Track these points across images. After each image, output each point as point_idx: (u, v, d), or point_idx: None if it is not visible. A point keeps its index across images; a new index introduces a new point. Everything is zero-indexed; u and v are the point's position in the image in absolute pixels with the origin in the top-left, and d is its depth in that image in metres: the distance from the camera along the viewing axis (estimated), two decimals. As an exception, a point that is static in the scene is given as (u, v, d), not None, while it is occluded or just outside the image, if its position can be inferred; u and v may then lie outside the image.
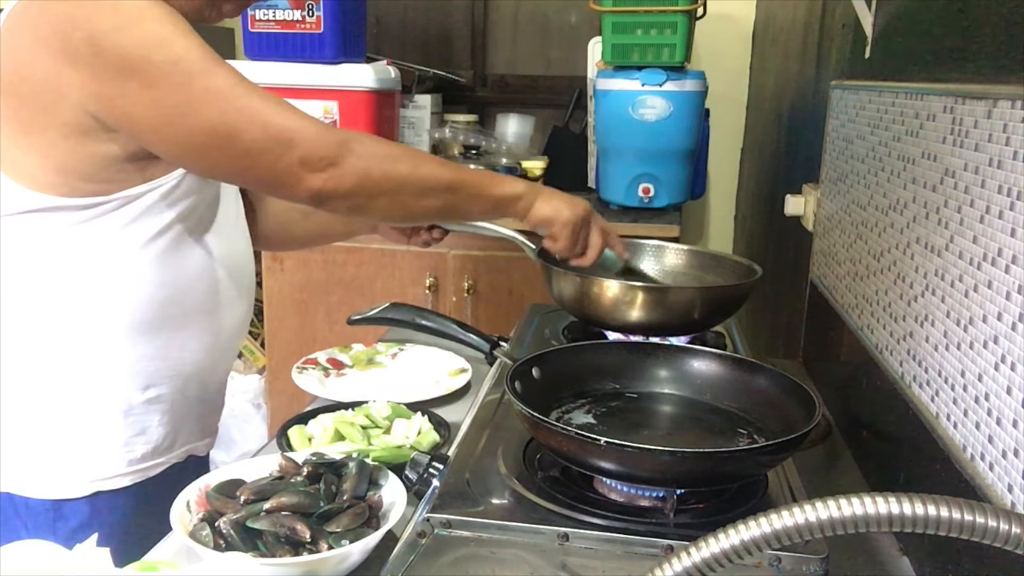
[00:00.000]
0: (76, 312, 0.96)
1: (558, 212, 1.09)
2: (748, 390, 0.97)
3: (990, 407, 0.70)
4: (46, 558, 0.70)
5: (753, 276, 1.25)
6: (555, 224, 1.09)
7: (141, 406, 1.02)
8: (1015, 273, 0.67)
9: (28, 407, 0.99)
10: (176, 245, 0.99)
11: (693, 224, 2.95)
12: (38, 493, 0.99)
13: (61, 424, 0.99)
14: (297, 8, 2.15)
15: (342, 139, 0.90)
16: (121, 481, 1.02)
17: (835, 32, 1.53)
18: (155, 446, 1.04)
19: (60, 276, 0.95)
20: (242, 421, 2.53)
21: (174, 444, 1.07)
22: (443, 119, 2.63)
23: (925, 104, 0.91)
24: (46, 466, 0.99)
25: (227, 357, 1.14)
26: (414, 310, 1.35)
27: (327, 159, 0.88)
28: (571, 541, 0.76)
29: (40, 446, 0.99)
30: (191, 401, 1.08)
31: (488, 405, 1.04)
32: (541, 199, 1.08)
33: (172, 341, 1.02)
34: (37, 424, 0.99)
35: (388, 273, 2.26)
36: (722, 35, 2.73)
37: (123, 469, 1.02)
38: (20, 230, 0.93)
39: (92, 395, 0.99)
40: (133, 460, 1.02)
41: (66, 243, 0.93)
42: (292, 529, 0.77)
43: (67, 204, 0.92)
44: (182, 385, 1.05)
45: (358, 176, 0.91)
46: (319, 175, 0.89)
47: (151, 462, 1.04)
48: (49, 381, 0.98)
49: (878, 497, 0.41)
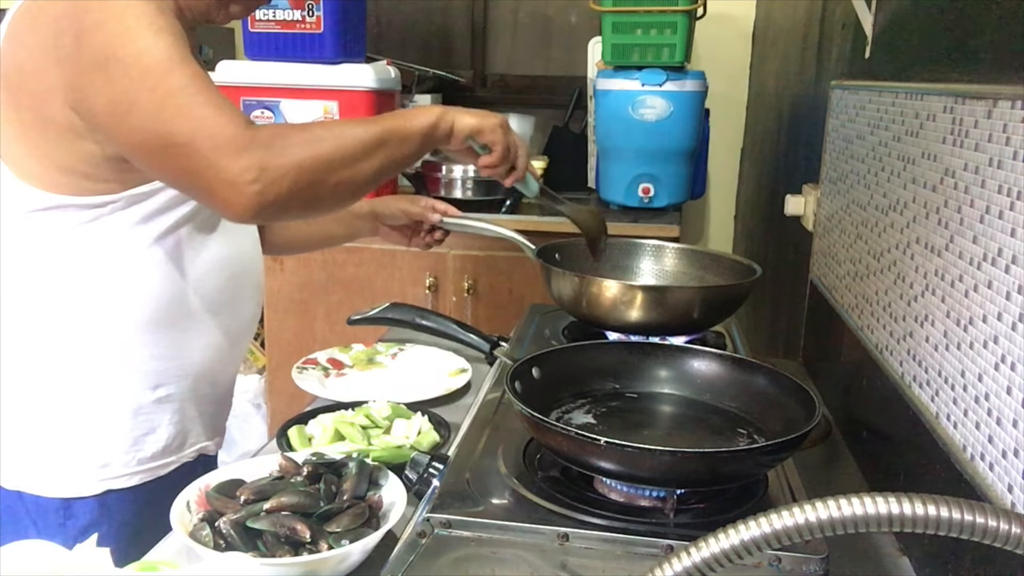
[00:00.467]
0: (84, 311, 0.96)
1: (482, 118, 1.05)
2: (748, 390, 0.97)
3: (990, 407, 0.70)
4: (46, 558, 0.70)
5: (753, 276, 1.25)
6: (485, 130, 1.05)
7: (151, 405, 1.02)
8: (1015, 273, 0.67)
9: (38, 406, 0.99)
10: (184, 245, 1.00)
11: (693, 224, 2.96)
12: (48, 491, 0.99)
13: (71, 423, 0.99)
14: (297, 8, 2.15)
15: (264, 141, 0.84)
16: (130, 480, 1.02)
17: (835, 32, 1.53)
18: (165, 445, 1.04)
19: (69, 275, 0.95)
20: (242, 421, 2.53)
21: (184, 443, 1.07)
22: (443, 119, 2.63)
23: (925, 104, 0.91)
24: (56, 465, 1.00)
25: (236, 357, 1.15)
26: (414, 310, 1.35)
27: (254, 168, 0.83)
28: (571, 541, 0.76)
29: (50, 445, 0.99)
30: (201, 400, 1.08)
31: (488, 405, 1.04)
32: (458, 114, 1.03)
33: (180, 340, 1.02)
34: (47, 423, 0.99)
35: (388, 273, 2.26)
36: (722, 35, 2.73)
37: (133, 468, 1.02)
38: (29, 229, 0.94)
39: (101, 394, 0.99)
40: (143, 459, 1.03)
41: (74, 242, 0.94)
42: (292, 529, 0.77)
43: (75, 203, 0.92)
44: (192, 384, 1.05)
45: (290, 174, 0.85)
46: (251, 187, 0.82)
47: (161, 461, 1.05)
48: (58, 380, 0.98)
49: (878, 497, 0.41)
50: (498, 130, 1.06)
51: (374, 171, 0.94)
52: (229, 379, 1.16)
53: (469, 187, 2.27)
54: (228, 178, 0.82)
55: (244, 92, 2.18)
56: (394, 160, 0.97)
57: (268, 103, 2.20)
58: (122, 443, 1.01)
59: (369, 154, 0.93)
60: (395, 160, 0.97)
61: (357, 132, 0.93)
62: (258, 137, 0.84)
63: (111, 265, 0.96)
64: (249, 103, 2.19)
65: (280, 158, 0.84)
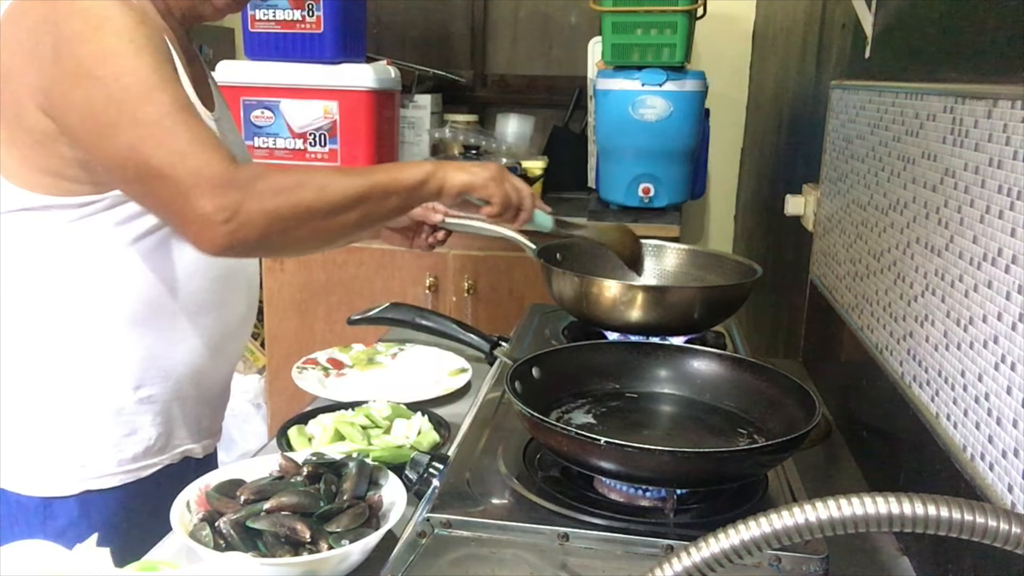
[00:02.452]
0: (66, 309, 0.97)
1: (473, 175, 1.03)
2: (748, 390, 0.97)
3: (990, 407, 0.70)
4: (46, 558, 0.70)
5: (753, 276, 1.25)
6: (477, 186, 1.03)
7: (133, 406, 1.02)
8: (1015, 273, 0.67)
9: (20, 404, 0.99)
10: (166, 244, 0.99)
11: (693, 224, 2.95)
12: (28, 490, 1.00)
13: (52, 422, 0.99)
14: (297, 8, 2.15)
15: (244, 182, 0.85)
16: (111, 481, 1.02)
17: (835, 32, 1.53)
18: (147, 446, 1.04)
19: (52, 274, 0.95)
20: (242, 421, 2.53)
21: (168, 445, 1.07)
22: (443, 119, 2.63)
23: (925, 104, 0.91)
24: (37, 463, 1.00)
25: (226, 359, 1.14)
26: (414, 310, 1.35)
27: (229, 209, 0.83)
28: (571, 541, 0.76)
29: (32, 443, 0.99)
30: (186, 402, 1.07)
31: (488, 405, 1.04)
32: (450, 171, 1.02)
33: (163, 341, 1.02)
34: (29, 421, 0.99)
35: (388, 273, 2.26)
36: (722, 35, 2.73)
37: (113, 469, 1.02)
38: (13, 228, 0.94)
39: (83, 394, 0.99)
40: (124, 460, 1.02)
41: (59, 241, 0.94)
42: (292, 529, 0.77)
43: (61, 203, 0.93)
44: (176, 386, 1.05)
45: (265, 219, 0.86)
46: (224, 226, 0.83)
47: (143, 462, 1.04)
48: (40, 378, 0.98)
49: (878, 497, 0.41)
50: (491, 184, 1.04)
51: (351, 225, 0.95)
52: (218, 382, 1.15)
53: (469, 187, 2.26)
54: (202, 215, 0.83)
55: (244, 92, 2.18)
56: (374, 215, 0.97)
57: (268, 103, 2.20)
58: (103, 443, 1.01)
59: (349, 208, 0.92)
60: (376, 215, 0.98)
61: (340, 185, 0.92)
62: (237, 177, 0.84)
63: (93, 264, 0.96)
64: (249, 103, 2.20)
65: (256, 202, 0.85)
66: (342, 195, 0.91)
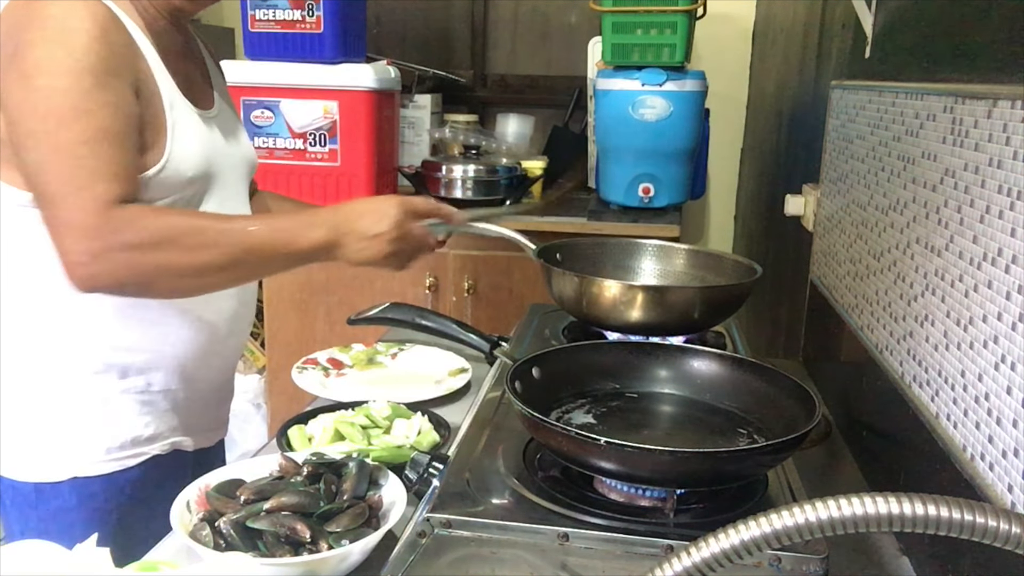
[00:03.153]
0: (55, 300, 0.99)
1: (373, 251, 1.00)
2: (748, 390, 0.97)
3: (990, 407, 0.70)
4: (46, 558, 0.70)
5: (753, 276, 1.25)
6: (379, 262, 1.02)
7: (119, 396, 1.04)
8: (1015, 273, 0.67)
9: (14, 392, 1.02)
10: None
11: (693, 224, 2.96)
12: (21, 476, 1.03)
13: (44, 410, 1.02)
14: (297, 8, 2.15)
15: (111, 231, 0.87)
16: (99, 468, 1.04)
17: (835, 32, 1.53)
18: (134, 436, 1.06)
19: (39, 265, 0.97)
20: (242, 421, 2.53)
21: (155, 437, 1.08)
22: (443, 119, 2.63)
23: (925, 104, 0.91)
24: (29, 450, 1.03)
25: (218, 355, 1.14)
26: (414, 310, 1.35)
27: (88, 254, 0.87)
28: (571, 541, 0.76)
29: (25, 430, 1.02)
30: (174, 395, 1.09)
31: (488, 405, 1.04)
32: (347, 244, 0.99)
33: (150, 333, 1.04)
34: (22, 409, 1.02)
35: (388, 273, 2.24)
36: (722, 35, 2.73)
37: (101, 456, 1.04)
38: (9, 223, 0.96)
39: (70, 382, 1.02)
40: (111, 448, 1.04)
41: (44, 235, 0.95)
42: (292, 529, 0.77)
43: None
44: (163, 378, 1.07)
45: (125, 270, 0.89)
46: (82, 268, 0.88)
47: (130, 451, 1.06)
48: (29, 367, 1.01)
49: (878, 497, 0.41)
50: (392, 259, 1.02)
51: (224, 283, 0.99)
52: (211, 378, 1.15)
53: (469, 187, 2.27)
54: (67, 252, 0.88)
55: (244, 92, 2.18)
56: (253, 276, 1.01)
57: (268, 103, 2.20)
58: (90, 431, 1.03)
59: (221, 270, 0.94)
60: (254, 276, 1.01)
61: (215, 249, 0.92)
62: (108, 224, 0.87)
63: None
64: (249, 103, 2.20)
65: (120, 252, 0.88)
66: (216, 257, 0.93)
